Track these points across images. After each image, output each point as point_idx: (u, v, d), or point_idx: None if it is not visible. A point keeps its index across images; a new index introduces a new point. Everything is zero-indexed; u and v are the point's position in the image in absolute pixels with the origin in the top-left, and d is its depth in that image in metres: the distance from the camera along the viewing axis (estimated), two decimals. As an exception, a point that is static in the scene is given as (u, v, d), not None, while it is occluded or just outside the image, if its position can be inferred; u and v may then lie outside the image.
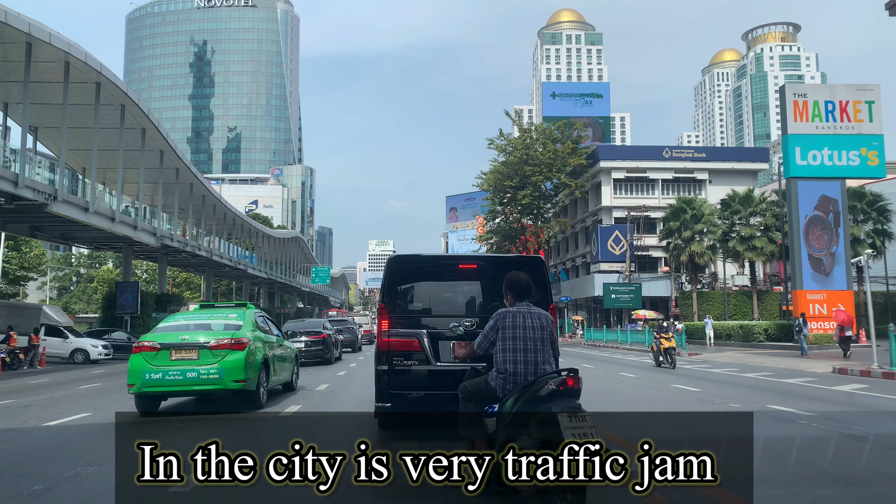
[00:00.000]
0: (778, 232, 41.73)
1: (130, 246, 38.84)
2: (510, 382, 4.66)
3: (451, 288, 7.62)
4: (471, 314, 7.16)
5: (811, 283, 28.40)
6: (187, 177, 41.29)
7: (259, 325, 11.10)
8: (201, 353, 9.67)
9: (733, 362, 21.75)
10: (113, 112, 31.44)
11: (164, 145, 36.23)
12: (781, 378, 15.32)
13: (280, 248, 76.88)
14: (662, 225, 47.01)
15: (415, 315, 7.24)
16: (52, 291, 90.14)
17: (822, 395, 11.93)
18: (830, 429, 7.87)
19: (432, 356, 7.03)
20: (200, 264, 52.04)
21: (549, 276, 7.88)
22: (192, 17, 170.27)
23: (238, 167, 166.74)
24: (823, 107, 28.78)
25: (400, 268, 7.48)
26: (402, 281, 7.45)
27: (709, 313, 34.60)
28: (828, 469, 5.89)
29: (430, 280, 7.64)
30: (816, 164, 28.72)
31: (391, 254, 9.73)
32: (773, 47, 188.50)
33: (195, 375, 9.54)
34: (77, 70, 27.10)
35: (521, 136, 52.59)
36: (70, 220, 28.95)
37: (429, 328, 7.13)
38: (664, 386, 13.43)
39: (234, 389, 9.75)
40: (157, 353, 9.63)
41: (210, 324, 10.36)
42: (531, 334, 4.79)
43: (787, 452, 6.54)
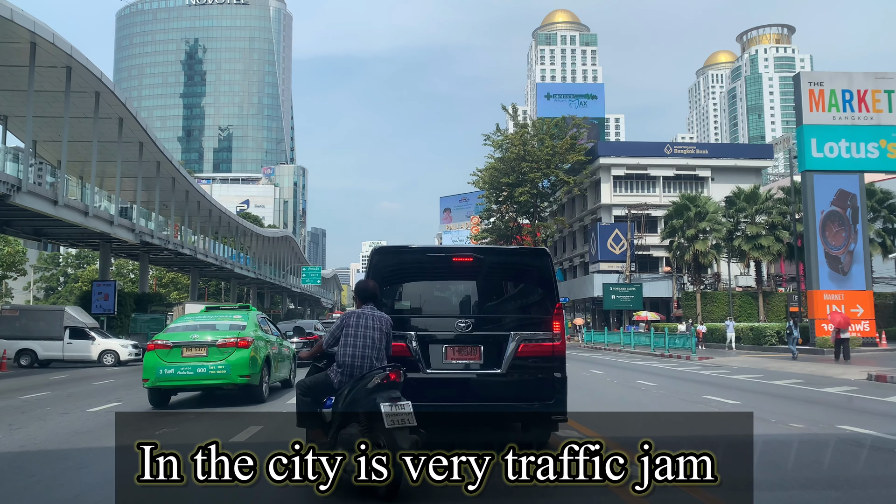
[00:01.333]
0: (785, 230, 40.27)
1: (108, 243, 36.93)
2: (346, 375, 5.10)
3: (444, 285, 6.64)
4: (466, 314, 6.18)
5: (828, 282, 26.78)
6: (169, 171, 39.34)
7: (261, 325, 11.98)
8: (210, 350, 10.57)
9: (751, 367, 20.10)
10: (86, 100, 29.56)
11: (143, 136, 34.33)
12: (817, 387, 13.70)
13: (270, 248, 74.95)
14: (664, 223, 45.47)
15: (402, 315, 6.14)
16: (40, 292, 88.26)
17: (886, 409, 10.24)
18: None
19: (422, 362, 6.00)
20: (185, 263, 50.12)
21: (555, 271, 6.52)
22: (183, 14, 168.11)
23: (230, 167, 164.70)
24: (840, 96, 27.22)
25: (385, 261, 6.45)
26: (388, 276, 6.36)
27: (730, 315, 32.12)
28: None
29: (420, 276, 6.62)
30: (833, 157, 27.12)
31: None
32: (767, 49, 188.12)
33: (204, 371, 10.45)
34: (45, 53, 25.19)
35: (519, 131, 50.98)
36: (38, 214, 27.04)
37: (418, 330, 6.10)
38: (696, 398, 11.68)
39: (240, 384, 10.59)
40: (169, 351, 10.50)
41: (216, 324, 11.29)
42: (370, 333, 5.22)
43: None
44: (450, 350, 6.02)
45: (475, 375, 6.00)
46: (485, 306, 6.35)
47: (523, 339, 6.01)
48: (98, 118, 30.12)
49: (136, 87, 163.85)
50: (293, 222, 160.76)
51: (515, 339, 6.00)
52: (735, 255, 42.30)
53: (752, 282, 48.58)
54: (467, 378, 6.00)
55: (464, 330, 6.00)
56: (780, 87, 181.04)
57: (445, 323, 6.11)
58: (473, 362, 6.01)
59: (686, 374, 17.93)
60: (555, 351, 6.06)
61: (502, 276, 6.59)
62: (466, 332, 5.99)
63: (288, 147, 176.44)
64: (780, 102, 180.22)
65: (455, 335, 6.02)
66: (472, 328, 5.99)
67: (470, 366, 6.01)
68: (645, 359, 26.31)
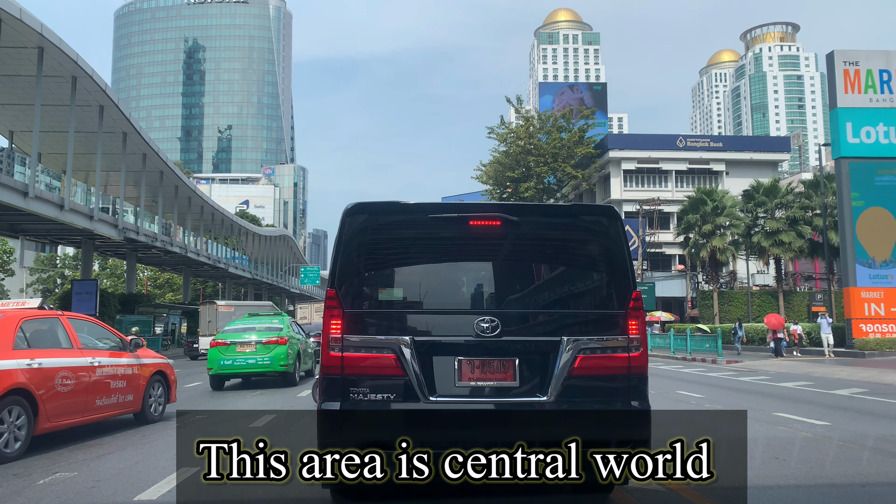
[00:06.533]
0: (807, 226, 38.08)
1: (91, 240, 34.88)
2: None
3: (457, 264, 4.37)
4: (491, 309, 4.01)
5: (866, 280, 24.55)
6: (157, 164, 37.16)
7: (292, 327, 15.64)
8: (258, 346, 13.92)
9: (790, 372, 17.86)
10: (63, 85, 27.46)
11: (126, 126, 32.19)
12: (887, 397, 11.55)
13: (267, 248, 72.75)
14: (678, 219, 43.24)
15: (392, 311, 4.08)
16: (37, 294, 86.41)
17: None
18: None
19: (422, 385, 3.85)
20: (175, 262, 48.00)
21: (628, 243, 4.09)
22: (182, 13, 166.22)
23: (229, 167, 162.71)
24: (878, 76, 25.01)
25: (364, 226, 4.16)
26: (370, 250, 4.19)
27: (826, 312, 27.17)
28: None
29: (420, 249, 4.31)
30: (870, 143, 24.91)
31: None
32: (772, 47, 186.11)
33: (254, 362, 13.84)
34: (12, 31, 23.05)
35: (524, 123, 48.77)
36: (7, 207, 24.94)
37: (417, 334, 3.91)
38: (766, 415, 9.46)
39: (280, 372, 13.96)
40: (227, 347, 13.96)
41: (260, 327, 14.64)
42: None
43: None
44: (466, 366, 3.89)
45: (506, 407, 3.86)
46: (520, 297, 4.19)
47: (582, 347, 3.88)
48: (75, 105, 28.01)
49: (135, 86, 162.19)
50: (293, 223, 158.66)
51: (570, 349, 3.87)
52: (754, 252, 40.10)
53: (770, 280, 46.40)
54: (493, 411, 3.87)
55: (488, 334, 3.87)
56: (785, 86, 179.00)
57: (459, 323, 3.96)
58: (503, 385, 3.86)
59: (724, 381, 15.75)
60: (632, 367, 3.91)
61: (547, 249, 4.31)
62: (492, 336, 3.87)
63: (288, 147, 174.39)
64: (785, 101, 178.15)
65: (474, 342, 3.89)
66: (500, 331, 3.88)
67: (498, 390, 3.86)
68: (667, 362, 24.14)
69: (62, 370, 7.23)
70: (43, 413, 6.87)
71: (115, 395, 8.16)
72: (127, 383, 8.39)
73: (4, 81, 27.16)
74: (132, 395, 8.52)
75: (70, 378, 7.30)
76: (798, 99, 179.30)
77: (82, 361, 7.62)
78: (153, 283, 72.33)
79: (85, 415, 7.65)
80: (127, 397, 8.42)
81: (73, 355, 7.54)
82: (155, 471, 5.86)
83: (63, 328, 7.69)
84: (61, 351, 7.44)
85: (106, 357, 8.14)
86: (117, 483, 5.54)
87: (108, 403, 8.03)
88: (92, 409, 7.75)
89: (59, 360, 7.26)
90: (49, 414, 6.97)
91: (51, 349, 7.29)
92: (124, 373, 8.37)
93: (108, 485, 5.47)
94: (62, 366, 7.26)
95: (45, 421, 6.94)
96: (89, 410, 7.70)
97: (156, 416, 9.04)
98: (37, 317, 7.51)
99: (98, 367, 7.85)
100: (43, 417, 6.87)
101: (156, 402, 9.14)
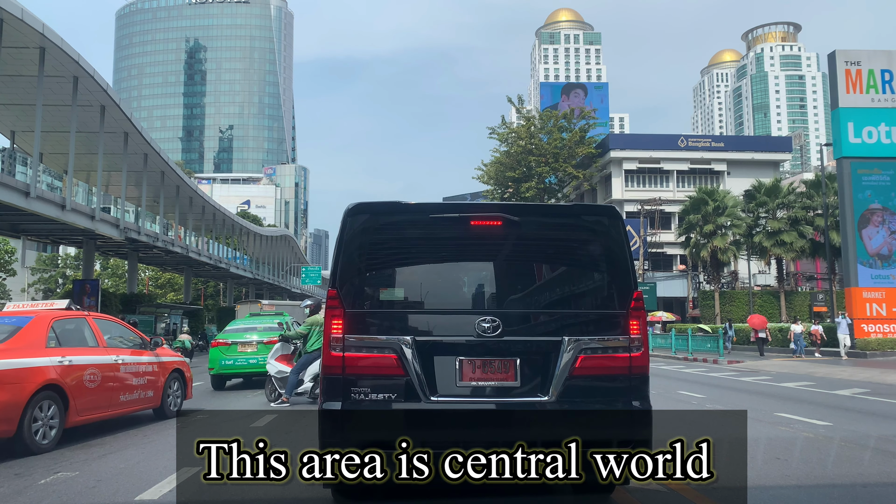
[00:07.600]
0: (808, 226, 38.09)
1: (92, 240, 34.86)
2: None
3: (458, 264, 4.44)
4: (492, 309, 4.06)
5: (868, 280, 24.52)
6: (158, 164, 37.14)
7: (293, 327, 15.14)
8: (258, 346, 13.81)
9: (792, 372, 17.86)
10: (64, 85, 27.44)
11: (128, 126, 32.17)
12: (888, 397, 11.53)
13: (268, 247, 72.77)
14: (679, 219, 43.25)
15: (393, 311, 4.14)
16: (38, 294, 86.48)
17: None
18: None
19: (423, 385, 3.88)
20: (177, 262, 48.01)
21: (629, 243, 4.07)
22: (183, 13, 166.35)
23: (230, 167, 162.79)
24: (880, 76, 24.98)
25: (365, 226, 4.19)
26: (371, 250, 4.23)
27: (842, 311, 26.49)
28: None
29: (420, 249, 4.38)
30: (872, 143, 24.88)
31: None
32: (773, 47, 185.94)
33: (255, 361, 13.59)
34: (14, 31, 23.05)
35: (525, 123, 48.76)
36: (8, 207, 24.94)
37: (417, 334, 3.95)
38: (766, 416, 9.46)
39: None
40: (228, 347, 14.02)
41: (261, 327, 14.79)
42: None
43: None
44: (467, 365, 3.92)
45: (507, 406, 3.88)
46: (522, 296, 4.24)
47: (583, 347, 3.90)
48: (76, 105, 28.01)
49: (136, 86, 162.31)
50: (294, 223, 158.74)
51: (571, 349, 3.88)
52: (755, 252, 40.11)
53: (772, 280, 46.36)
54: (494, 411, 3.88)
55: (489, 334, 3.91)
56: (787, 86, 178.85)
57: (460, 323, 4.00)
58: (504, 385, 3.87)
59: (725, 381, 15.75)
60: (633, 367, 3.92)
61: (548, 249, 4.36)
62: (493, 336, 3.91)
63: (289, 147, 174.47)
64: (787, 101, 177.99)
65: (475, 342, 3.93)
66: (501, 331, 3.91)
67: (499, 390, 3.88)
68: (668, 362, 24.14)
69: (90, 367, 7.56)
70: (73, 407, 7.20)
71: (137, 391, 8.48)
72: (148, 380, 8.72)
73: (6, 81, 27.15)
74: (152, 392, 8.83)
75: (97, 375, 7.65)
76: (800, 99, 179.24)
77: (108, 359, 7.93)
78: (154, 283, 72.40)
79: (110, 409, 7.97)
80: (148, 393, 8.73)
81: (100, 353, 7.86)
82: (156, 471, 5.88)
83: (90, 328, 8.01)
84: (88, 349, 7.75)
85: (129, 355, 8.43)
86: (118, 483, 5.55)
87: (130, 399, 8.34)
88: (116, 404, 8.06)
89: (86, 358, 7.58)
90: (78, 408, 7.29)
91: (79, 347, 7.61)
92: (145, 370, 8.68)
93: (110, 484, 5.48)
94: (90, 363, 7.59)
95: (75, 415, 7.26)
96: (114, 405, 8.02)
97: (174, 410, 9.35)
98: (66, 317, 7.83)
99: (122, 364, 8.17)
100: (73, 411, 7.20)
101: (173, 398, 9.45)
